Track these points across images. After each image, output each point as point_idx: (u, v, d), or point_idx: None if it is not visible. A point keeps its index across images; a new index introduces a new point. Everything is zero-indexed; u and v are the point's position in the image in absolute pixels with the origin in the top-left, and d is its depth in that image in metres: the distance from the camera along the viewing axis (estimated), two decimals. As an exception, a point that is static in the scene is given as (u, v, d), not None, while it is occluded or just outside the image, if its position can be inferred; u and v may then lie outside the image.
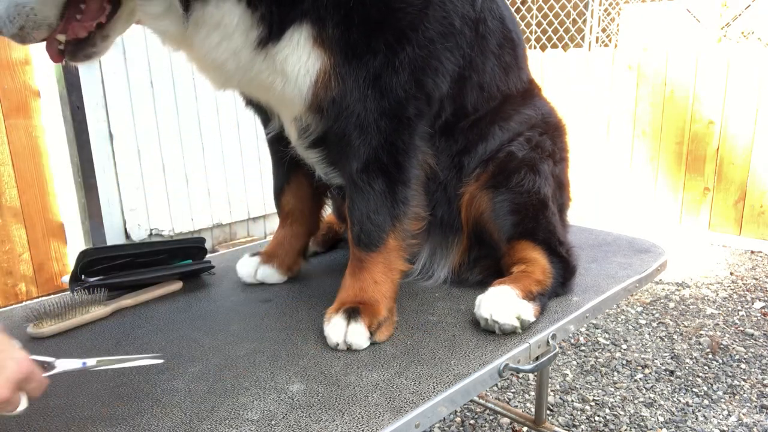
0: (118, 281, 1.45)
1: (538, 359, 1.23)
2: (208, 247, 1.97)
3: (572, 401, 2.50)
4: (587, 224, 2.01)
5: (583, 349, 2.93)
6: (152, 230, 3.86)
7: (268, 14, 1.08)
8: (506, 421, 2.35)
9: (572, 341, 2.99)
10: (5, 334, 0.86)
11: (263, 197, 4.35)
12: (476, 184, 1.41)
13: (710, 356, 2.82)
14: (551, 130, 1.51)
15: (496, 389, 2.60)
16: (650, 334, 3.05)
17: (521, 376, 2.68)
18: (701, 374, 2.67)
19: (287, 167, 1.50)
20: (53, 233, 3.49)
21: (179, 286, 1.53)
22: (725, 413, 2.39)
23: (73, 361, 0.99)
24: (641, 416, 2.38)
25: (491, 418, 2.39)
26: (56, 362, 0.96)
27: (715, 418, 2.36)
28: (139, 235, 3.80)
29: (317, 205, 1.60)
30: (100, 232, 3.59)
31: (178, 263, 1.56)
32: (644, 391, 2.55)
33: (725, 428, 2.30)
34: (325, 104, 1.18)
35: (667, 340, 2.99)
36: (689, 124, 4.49)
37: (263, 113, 1.42)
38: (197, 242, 1.62)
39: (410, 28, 1.16)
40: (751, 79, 4.13)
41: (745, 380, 2.61)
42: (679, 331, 3.08)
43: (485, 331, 1.25)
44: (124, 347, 1.24)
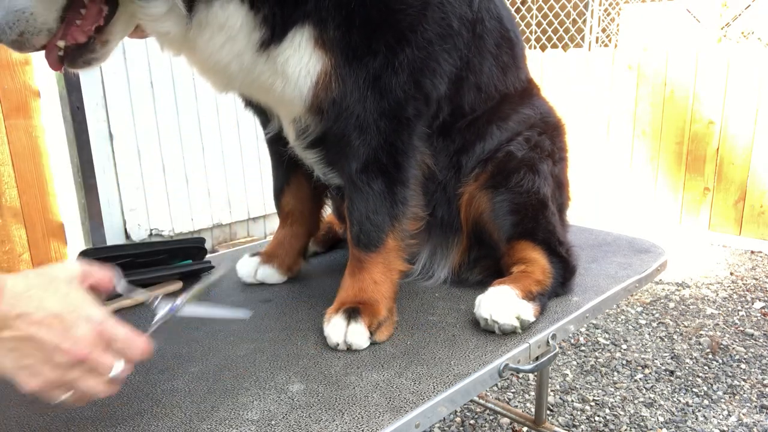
0: (118, 281, 1.45)
1: (538, 359, 1.23)
2: (208, 247, 1.98)
3: (572, 401, 2.50)
4: (587, 224, 2.01)
5: (583, 349, 2.93)
6: (152, 230, 3.86)
7: (270, 16, 1.08)
8: (506, 421, 2.35)
9: (572, 341, 2.99)
10: (81, 290, 0.82)
11: (263, 197, 4.35)
12: (475, 184, 1.41)
13: (710, 356, 2.82)
14: (550, 129, 1.51)
15: (496, 389, 2.60)
16: (650, 334, 3.05)
17: (521, 376, 2.68)
18: (701, 374, 2.67)
19: (287, 167, 1.50)
20: (53, 233, 3.48)
21: (179, 286, 1.53)
22: (725, 413, 2.39)
23: (165, 305, 1.01)
24: (641, 416, 2.38)
25: (491, 418, 2.39)
26: (155, 303, 0.98)
27: (715, 418, 2.36)
28: (139, 235, 3.80)
29: (317, 205, 1.60)
30: (100, 232, 3.59)
31: (178, 263, 1.56)
32: (644, 391, 2.55)
33: (725, 428, 2.30)
34: (325, 105, 1.18)
35: (667, 340, 2.99)
36: (689, 124, 4.49)
37: (263, 114, 1.42)
38: (197, 242, 1.62)
39: (409, 29, 1.16)
40: (751, 79, 4.13)
41: (745, 380, 2.61)
42: (679, 331, 3.08)
43: (485, 331, 1.25)
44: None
